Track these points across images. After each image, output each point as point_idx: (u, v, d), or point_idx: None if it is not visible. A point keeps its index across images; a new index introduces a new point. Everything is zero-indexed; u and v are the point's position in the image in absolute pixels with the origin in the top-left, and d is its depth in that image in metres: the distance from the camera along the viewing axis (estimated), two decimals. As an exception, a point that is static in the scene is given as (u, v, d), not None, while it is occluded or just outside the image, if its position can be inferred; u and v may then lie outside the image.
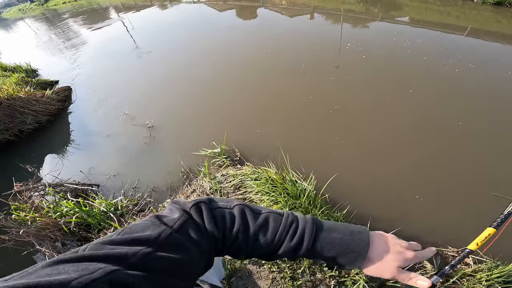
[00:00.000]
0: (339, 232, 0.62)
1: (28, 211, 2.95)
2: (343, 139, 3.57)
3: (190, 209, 0.59)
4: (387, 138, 3.49)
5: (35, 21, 20.72)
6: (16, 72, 7.44)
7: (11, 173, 4.10)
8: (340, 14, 8.09)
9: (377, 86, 4.41)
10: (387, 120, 3.72)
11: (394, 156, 3.24)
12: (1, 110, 4.89)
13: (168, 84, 5.88)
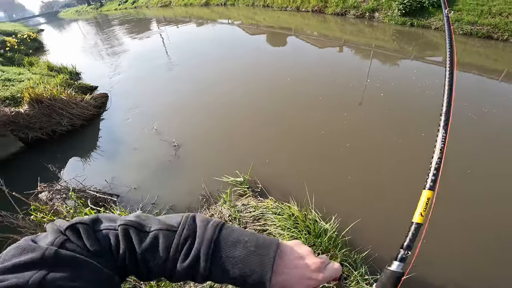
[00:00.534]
0: (243, 247, 0.51)
1: (47, 213, 2.90)
2: (355, 179, 3.46)
3: (65, 230, 0.49)
4: (398, 182, 3.36)
5: (87, 24, 22.00)
6: (61, 73, 7.73)
7: (36, 171, 4.19)
8: (370, 50, 8.08)
9: (390, 126, 4.32)
10: (399, 163, 3.61)
11: (404, 202, 3.07)
12: (41, 109, 5.06)
13: (195, 101, 5.97)
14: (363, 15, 11.18)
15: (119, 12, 25.37)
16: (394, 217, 2.91)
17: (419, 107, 4.74)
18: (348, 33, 10.20)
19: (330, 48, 8.69)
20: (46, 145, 5.01)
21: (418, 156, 3.64)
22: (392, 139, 4.01)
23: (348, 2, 11.62)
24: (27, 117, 4.95)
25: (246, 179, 3.46)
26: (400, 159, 3.69)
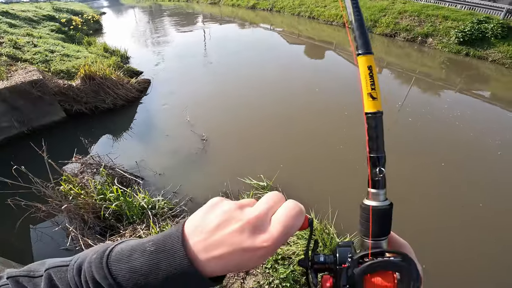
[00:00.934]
0: (141, 252, 0.39)
1: (75, 185, 3.00)
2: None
3: None
4: (413, 211, 3.28)
5: (142, 11, 23.01)
6: (114, 55, 8.17)
7: (72, 142, 4.36)
8: (413, 76, 7.76)
9: (413, 152, 4.20)
10: (413, 191, 3.55)
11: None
12: (92, 85, 5.37)
13: (227, 99, 6.07)
14: (414, 39, 10.76)
15: (171, 4, 26.37)
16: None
17: (445, 138, 4.58)
18: (393, 55, 9.88)
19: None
20: (86, 119, 5.27)
21: (434, 184, 3.57)
22: (411, 167, 3.91)
23: (400, 25, 11.28)
24: (77, 91, 5.26)
25: (269, 184, 3.44)
26: (414, 187, 3.62)
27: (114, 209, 2.93)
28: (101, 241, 2.71)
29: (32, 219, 2.79)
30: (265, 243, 0.36)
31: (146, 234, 2.75)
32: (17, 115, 4.58)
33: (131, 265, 0.39)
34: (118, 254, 0.40)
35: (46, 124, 4.92)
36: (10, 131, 4.57)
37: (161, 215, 3.08)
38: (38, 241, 3.06)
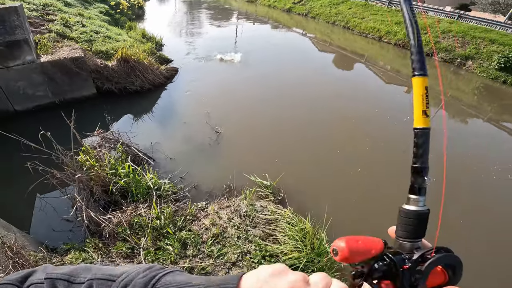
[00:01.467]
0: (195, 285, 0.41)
1: (92, 157, 3.15)
2: (375, 221, 3.22)
3: None
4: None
5: (182, 2, 23.37)
6: (149, 42, 8.49)
7: (97, 117, 4.62)
8: (444, 99, 7.41)
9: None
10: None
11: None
12: (125, 67, 5.66)
13: (247, 97, 6.12)
14: (452, 61, 10.24)
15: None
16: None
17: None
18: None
19: (396, 85, 8.16)
20: (114, 97, 5.53)
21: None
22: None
23: (440, 44, 10.79)
24: (111, 71, 5.57)
25: (272, 184, 3.47)
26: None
27: (122, 185, 3.04)
28: (103, 215, 2.77)
29: (40, 188, 2.88)
30: None
31: (146, 213, 2.84)
32: (53, 86, 4.88)
33: None
34: (166, 285, 0.41)
35: (77, 98, 5.20)
36: (42, 99, 4.86)
37: (164, 197, 3.18)
38: (40, 210, 3.15)
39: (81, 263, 2.31)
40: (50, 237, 2.84)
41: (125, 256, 2.48)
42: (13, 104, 4.64)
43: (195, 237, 2.67)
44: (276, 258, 2.57)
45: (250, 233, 2.77)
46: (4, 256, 1.99)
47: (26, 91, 4.66)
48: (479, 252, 3.05)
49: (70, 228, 2.97)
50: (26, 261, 2.08)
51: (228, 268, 2.49)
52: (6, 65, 4.35)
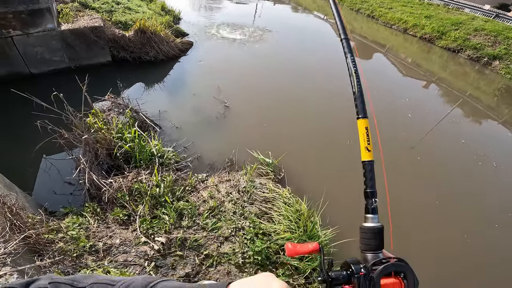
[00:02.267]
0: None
1: (100, 119, 3.13)
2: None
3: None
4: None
5: None
6: (168, 15, 8.25)
7: (110, 84, 4.60)
8: (461, 97, 6.99)
9: (431, 181, 3.82)
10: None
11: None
12: (142, 38, 5.63)
13: (261, 74, 5.96)
14: (479, 59, 9.61)
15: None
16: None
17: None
18: (448, 71, 8.92)
19: (414, 79, 7.72)
20: (128, 66, 5.52)
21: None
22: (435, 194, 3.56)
23: (470, 42, 10.13)
24: (127, 41, 5.57)
25: (274, 163, 3.38)
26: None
27: (126, 149, 3.01)
28: (105, 179, 2.75)
29: (47, 149, 2.89)
30: None
31: (147, 180, 2.81)
32: (70, 53, 4.95)
33: None
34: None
35: (93, 64, 5.24)
36: (59, 64, 4.94)
37: (166, 165, 3.14)
38: (45, 171, 3.16)
39: (77, 227, 2.32)
40: (51, 200, 2.85)
41: (121, 222, 2.47)
42: (29, 67, 4.71)
43: (192, 208, 2.63)
44: (268, 236, 2.51)
45: (246, 210, 2.71)
46: (3, 218, 1.98)
47: (43, 56, 4.72)
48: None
49: (71, 192, 2.96)
50: (23, 223, 2.07)
51: (220, 242, 2.45)
52: (26, 32, 4.39)
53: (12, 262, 1.76)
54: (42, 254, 2.03)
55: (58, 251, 2.07)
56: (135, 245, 2.27)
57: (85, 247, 2.17)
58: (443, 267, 2.80)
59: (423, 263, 2.77)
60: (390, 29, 12.61)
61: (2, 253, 1.76)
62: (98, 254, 2.17)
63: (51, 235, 2.16)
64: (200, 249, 2.36)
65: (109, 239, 2.31)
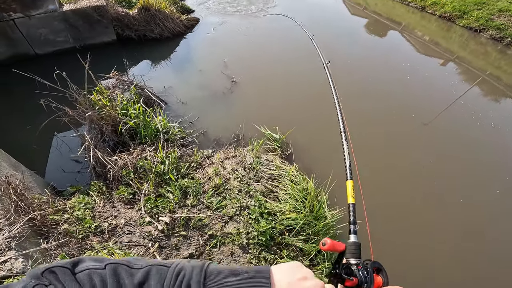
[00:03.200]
0: (235, 275, 0.49)
1: (105, 96, 3.04)
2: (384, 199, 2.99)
3: (42, 273, 0.45)
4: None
5: None
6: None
7: (115, 62, 4.50)
8: (480, 76, 6.52)
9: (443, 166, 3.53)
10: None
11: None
12: (146, 16, 5.45)
13: (267, 50, 5.67)
14: (502, 39, 8.88)
15: None
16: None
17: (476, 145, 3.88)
18: (468, 50, 8.32)
19: (431, 57, 7.25)
20: (133, 44, 5.38)
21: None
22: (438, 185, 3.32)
23: (493, 22, 9.40)
24: (131, 19, 5.41)
25: (281, 138, 3.22)
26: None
27: (131, 125, 2.92)
28: (110, 156, 2.69)
29: (52, 128, 2.86)
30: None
31: (152, 156, 2.72)
32: (74, 33, 4.86)
33: (223, 281, 0.47)
34: (214, 270, 0.49)
35: (97, 43, 5.14)
36: (63, 44, 4.88)
37: (171, 141, 3.04)
38: (51, 150, 3.15)
39: (83, 207, 2.27)
40: (59, 178, 2.82)
41: (126, 201, 2.40)
42: (34, 48, 4.68)
43: (196, 186, 2.52)
44: (273, 216, 2.39)
45: (252, 187, 2.59)
46: (8, 199, 1.92)
47: (47, 37, 4.67)
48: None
49: (78, 170, 2.93)
50: (28, 204, 2.01)
51: (224, 222, 2.35)
52: (28, 14, 4.32)
53: (17, 246, 1.71)
54: (48, 237, 1.98)
55: (63, 233, 2.02)
56: (140, 225, 2.20)
57: (91, 228, 2.11)
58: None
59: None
60: (407, 6, 11.79)
61: (6, 237, 1.71)
62: (103, 235, 2.11)
63: (57, 216, 2.10)
64: (204, 229, 2.27)
65: (114, 219, 2.24)
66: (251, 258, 2.15)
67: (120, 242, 2.09)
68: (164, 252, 2.10)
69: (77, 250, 1.97)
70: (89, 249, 2.00)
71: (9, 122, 3.46)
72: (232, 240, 2.23)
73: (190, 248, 2.14)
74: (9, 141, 3.04)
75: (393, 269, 2.16)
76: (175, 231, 2.20)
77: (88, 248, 2.00)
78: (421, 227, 2.82)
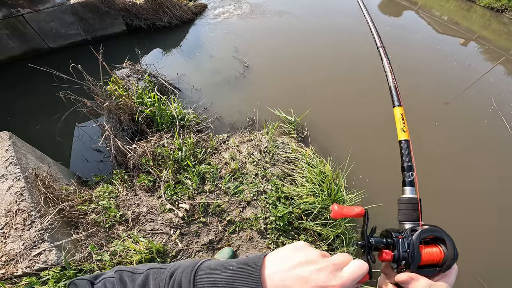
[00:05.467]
0: (225, 269, 0.46)
1: (120, 86, 3.02)
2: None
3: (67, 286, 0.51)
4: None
5: None
6: None
7: (127, 52, 4.46)
8: (504, 55, 6.09)
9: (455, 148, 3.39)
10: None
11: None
12: (153, 5, 5.34)
13: (279, 31, 5.51)
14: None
15: None
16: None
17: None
18: (490, 30, 7.75)
19: (451, 37, 6.79)
20: (143, 33, 5.32)
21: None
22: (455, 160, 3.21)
23: None
24: (139, 8, 5.32)
25: (297, 120, 3.17)
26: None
27: (148, 114, 2.93)
28: (129, 144, 2.71)
29: (73, 119, 2.91)
30: (336, 285, 0.41)
31: (169, 144, 2.72)
32: (84, 25, 4.85)
33: (213, 278, 0.45)
34: (206, 267, 0.48)
35: (108, 35, 5.12)
36: (76, 37, 4.89)
37: (187, 127, 3.03)
38: (74, 141, 3.20)
39: (107, 196, 2.32)
40: (83, 168, 2.89)
41: (147, 189, 2.42)
42: (47, 42, 4.71)
43: (213, 171, 2.51)
44: (291, 200, 2.35)
45: (268, 171, 2.55)
46: (37, 191, 1.94)
47: (58, 30, 4.68)
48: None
49: (100, 159, 3.01)
50: (57, 196, 2.03)
51: (242, 207, 2.34)
52: (36, 9, 4.32)
53: (50, 237, 1.73)
54: (77, 227, 2.01)
55: (91, 223, 2.06)
56: (161, 212, 2.22)
57: (116, 216, 2.15)
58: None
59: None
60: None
61: (39, 229, 1.73)
62: (128, 223, 2.15)
63: (84, 206, 2.14)
64: (222, 215, 2.27)
65: (137, 207, 2.27)
66: (269, 243, 2.15)
67: (144, 230, 2.13)
68: (186, 239, 2.12)
69: (105, 240, 2.00)
70: (116, 238, 2.03)
71: (32, 117, 3.52)
72: (250, 225, 2.22)
73: (210, 234, 2.16)
74: (33, 135, 3.12)
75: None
76: (194, 218, 2.21)
77: (115, 237, 2.04)
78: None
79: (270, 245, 2.15)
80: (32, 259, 1.63)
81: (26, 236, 1.69)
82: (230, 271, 0.45)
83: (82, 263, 1.79)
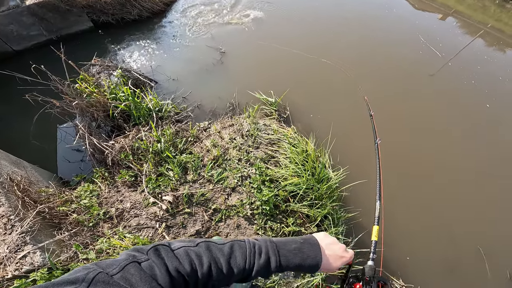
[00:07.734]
0: (294, 242, 0.70)
1: (91, 84, 2.91)
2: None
3: (147, 252, 0.54)
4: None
5: None
6: None
7: (96, 49, 4.19)
8: (482, 29, 6.12)
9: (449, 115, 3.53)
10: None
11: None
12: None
13: (253, 18, 5.31)
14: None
15: None
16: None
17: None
18: (465, 5, 7.69)
19: (429, 12, 6.73)
20: (113, 29, 5.07)
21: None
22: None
23: None
24: (104, 4, 5.02)
25: (277, 101, 3.14)
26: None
27: (123, 108, 2.83)
28: (106, 141, 2.64)
29: (47, 121, 2.77)
30: (348, 256, 0.77)
31: (147, 136, 2.63)
32: (46, 25, 4.58)
33: (288, 247, 0.68)
34: (278, 241, 0.69)
35: (74, 33, 4.87)
36: (39, 38, 4.62)
37: (166, 118, 2.94)
38: (61, 141, 3.09)
39: (89, 195, 2.26)
40: (66, 169, 2.81)
41: (129, 185, 2.35)
42: (11, 45, 4.45)
43: (195, 160, 2.45)
44: (276, 183, 2.32)
45: (251, 155, 2.51)
46: (14, 195, 1.92)
47: (20, 33, 4.43)
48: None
49: (81, 158, 2.92)
50: (35, 198, 2.01)
51: (227, 194, 2.29)
52: None
53: (32, 240, 1.72)
54: (60, 228, 1.98)
55: (74, 222, 2.01)
56: (145, 206, 2.16)
57: (99, 215, 2.08)
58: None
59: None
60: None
61: (20, 232, 1.72)
62: (112, 220, 2.09)
63: (64, 207, 2.07)
64: (208, 203, 2.22)
65: (120, 203, 2.21)
66: (257, 229, 2.13)
67: (129, 226, 2.08)
68: (172, 232, 2.07)
69: (90, 238, 1.96)
70: (101, 236, 1.99)
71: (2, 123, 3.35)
72: (236, 212, 2.19)
73: (196, 225, 2.12)
74: (4, 140, 2.98)
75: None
76: (179, 209, 2.16)
77: (100, 235, 1.99)
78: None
79: (259, 231, 2.12)
80: (18, 262, 1.65)
81: (9, 240, 1.70)
82: (299, 243, 0.70)
83: (69, 262, 1.78)
